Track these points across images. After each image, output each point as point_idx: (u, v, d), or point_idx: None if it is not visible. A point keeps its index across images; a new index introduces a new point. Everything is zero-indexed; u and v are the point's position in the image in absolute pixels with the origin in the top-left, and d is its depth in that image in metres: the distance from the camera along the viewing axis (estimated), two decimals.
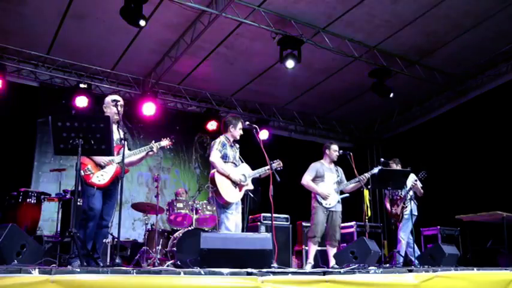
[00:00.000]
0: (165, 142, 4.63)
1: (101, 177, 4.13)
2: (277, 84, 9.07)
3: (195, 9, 6.58)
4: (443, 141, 9.20)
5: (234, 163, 4.90)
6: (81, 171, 4.02)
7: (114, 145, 3.98)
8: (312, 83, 9.08)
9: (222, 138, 4.95)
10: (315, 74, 8.73)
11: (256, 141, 4.88)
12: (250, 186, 4.90)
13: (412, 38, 7.59)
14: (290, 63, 7.15)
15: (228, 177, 4.73)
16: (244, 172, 4.88)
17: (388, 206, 6.50)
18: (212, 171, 4.80)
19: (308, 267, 5.66)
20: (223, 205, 4.76)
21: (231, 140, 4.99)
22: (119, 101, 4.33)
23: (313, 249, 5.73)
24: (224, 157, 4.83)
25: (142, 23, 5.99)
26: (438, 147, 9.28)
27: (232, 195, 4.74)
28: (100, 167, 4.17)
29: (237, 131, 4.98)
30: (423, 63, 8.40)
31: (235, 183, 4.76)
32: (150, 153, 4.44)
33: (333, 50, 7.58)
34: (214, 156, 4.77)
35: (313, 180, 5.87)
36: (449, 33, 7.47)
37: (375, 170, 5.88)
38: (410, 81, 8.70)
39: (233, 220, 4.76)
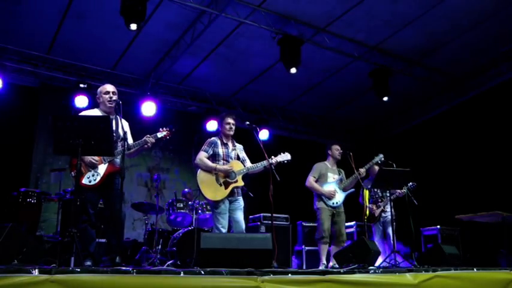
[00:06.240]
0: (161, 133, 4.43)
1: (91, 178, 4.05)
2: (277, 84, 9.07)
3: (195, 9, 6.58)
4: (443, 141, 9.21)
5: (227, 161, 4.84)
6: (72, 173, 3.98)
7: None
8: (312, 83, 9.09)
9: (213, 138, 4.95)
10: (315, 74, 8.73)
11: (256, 141, 4.86)
12: (240, 183, 4.80)
13: (412, 38, 7.59)
14: (293, 70, 7.15)
15: (214, 170, 4.69)
16: (233, 169, 4.78)
17: (369, 205, 6.51)
18: (198, 170, 4.81)
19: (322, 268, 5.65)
20: (212, 205, 4.75)
21: (224, 138, 4.95)
22: (111, 91, 4.25)
23: (324, 250, 5.69)
24: (214, 156, 4.82)
25: (133, 26, 5.90)
26: (438, 147, 9.28)
27: (215, 193, 4.67)
28: (90, 167, 4.07)
29: (224, 126, 4.94)
30: (423, 63, 8.41)
31: (220, 182, 4.69)
32: (145, 146, 4.27)
33: (333, 50, 7.58)
34: (198, 157, 4.80)
35: (317, 180, 5.87)
36: (449, 33, 7.48)
37: (377, 159, 5.92)
38: (410, 81, 8.70)
39: (224, 220, 4.66)
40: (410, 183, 6.45)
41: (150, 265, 5.94)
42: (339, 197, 5.80)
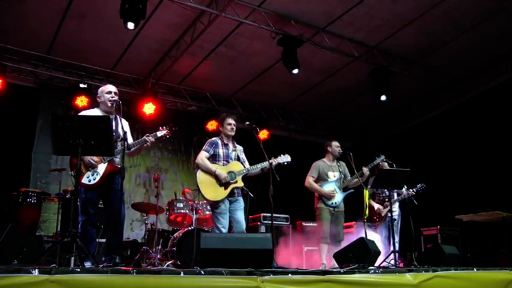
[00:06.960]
0: (162, 132, 4.42)
1: (91, 178, 4.05)
2: (277, 84, 9.07)
3: (195, 9, 6.58)
4: (443, 141, 9.21)
5: (227, 161, 4.85)
6: (71, 173, 3.98)
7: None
8: (312, 83, 9.08)
9: (214, 138, 4.95)
10: (315, 74, 8.73)
11: (256, 141, 4.85)
12: (240, 184, 4.80)
13: (412, 38, 7.59)
14: (295, 71, 7.26)
15: (214, 174, 4.69)
16: (233, 170, 4.79)
17: (375, 204, 6.50)
18: (197, 171, 4.81)
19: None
20: (212, 205, 4.77)
21: (225, 138, 4.96)
22: (113, 91, 4.26)
23: (324, 250, 5.67)
24: (215, 156, 4.83)
25: (130, 26, 5.94)
26: (438, 147, 9.28)
27: (215, 193, 4.68)
28: (90, 167, 4.07)
29: (225, 127, 4.94)
30: (423, 63, 8.40)
31: (220, 181, 4.69)
32: (145, 145, 4.26)
33: (333, 50, 7.58)
34: (199, 157, 4.79)
35: (316, 180, 5.84)
36: (449, 33, 7.48)
37: (378, 160, 5.92)
38: (410, 81, 8.70)
39: (224, 220, 4.67)
40: (419, 184, 6.44)
41: (150, 265, 5.94)
42: (338, 197, 5.79)
